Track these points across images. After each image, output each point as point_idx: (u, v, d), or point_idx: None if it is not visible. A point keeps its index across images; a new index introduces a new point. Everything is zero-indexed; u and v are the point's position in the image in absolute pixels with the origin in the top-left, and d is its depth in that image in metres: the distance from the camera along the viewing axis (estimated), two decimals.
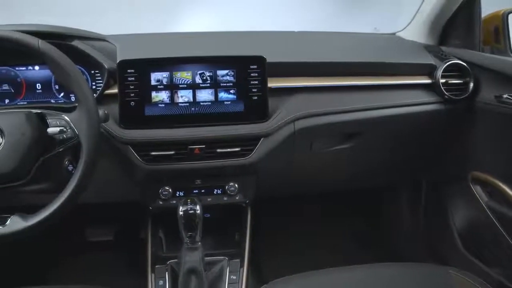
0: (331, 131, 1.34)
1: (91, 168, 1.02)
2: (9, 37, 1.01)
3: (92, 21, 1.37)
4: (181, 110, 1.22)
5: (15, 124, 1.01)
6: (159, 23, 2.01)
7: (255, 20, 2.02)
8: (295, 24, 1.75)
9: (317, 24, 1.85)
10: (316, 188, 1.60)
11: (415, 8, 1.59)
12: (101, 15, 1.97)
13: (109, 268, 1.69)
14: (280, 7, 2.17)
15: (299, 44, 1.49)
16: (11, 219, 0.99)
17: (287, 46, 1.46)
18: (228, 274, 1.25)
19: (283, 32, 1.60)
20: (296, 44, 1.49)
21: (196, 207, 1.13)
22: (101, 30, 1.37)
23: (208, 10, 2.16)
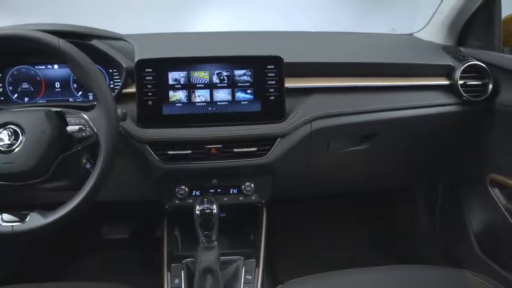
0: (348, 132, 1.34)
1: (109, 167, 1.03)
2: (30, 36, 1.02)
3: (106, 21, 1.38)
4: (198, 109, 1.22)
5: (35, 122, 1.02)
6: (173, 23, 2.02)
7: (271, 20, 2.02)
8: (311, 24, 1.74)
9: (333, 24, 1.83)
10: (332, 188, 1.59)
11: (432, 9, 1.57)
12: (115, 15, 1.99)
13: (125, 266, 1.71)
14: (295, 8, 2.16)
15: (316, 45, 1.49)
16: (31, 216, 1.01)
17: (304, 46, 1.46)
18: (244, 274, 1.26)
19: (300, 33, 1.59)
20: (312, 44, 1.49)
21: (213, 207, 1.14)
22: (115, 29, 1.38)
23: (222, 10, 2.17)
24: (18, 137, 1.01)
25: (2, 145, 1.00)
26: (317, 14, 2.10)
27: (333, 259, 1.56)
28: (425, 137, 1.43)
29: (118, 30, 1.36)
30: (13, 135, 1.01)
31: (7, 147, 1.00)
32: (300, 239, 1.81)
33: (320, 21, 1.98)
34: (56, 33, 1.06)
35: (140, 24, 1.72)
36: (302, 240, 1.82)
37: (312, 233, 1.86)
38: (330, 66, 1.34)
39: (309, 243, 1.81)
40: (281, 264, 1.53)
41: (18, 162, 1.00)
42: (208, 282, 1.13)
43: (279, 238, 1.45)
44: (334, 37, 1.59)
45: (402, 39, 1.63)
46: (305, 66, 1.32)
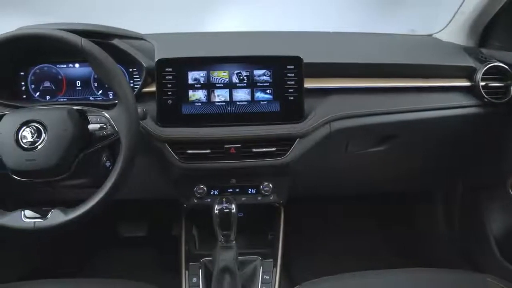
0: (367, 133, 1.33)
1: (130, 165, 1.04)
2: (54, 35, 1.03)
3: (123, 20, 1.39)
4: (218, 109, 1.23)
5: (57, 120, 1.04)
6: (189, 23, 2.03)
7: (286, 20, 2.02)
8: (328, 25, 1.74)
9: (351, 25, 1.83)
10: (349, 189, 1.59)
11: (452, 10, 1.55)
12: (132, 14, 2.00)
13: (142, 264, 1.72)
14: (311, 8, 2.15)
15: (335, 45, 1.48)
16: (52, 213, 1.02)
17: (323, 46, 1.45)
18: (261, 274, 1.26)
19: (318, 33, 1.59)
20: (331, 44, 1.48)
21: (232, 206, 1.14)
22: (132, 29, 1.38)
23: (238, 10, 2.17)
24: (40, 135, 1.02)
25: (25, 143, 1.01)
26: (334, 15, 2.09)
27: (350, 260, 1.56)
28: (445, 139, 1.41)
29: (135, 29, 1.37)
30: (36, 133, 1.02)
31: (30, 144, 1.01)
32: (316, 240, 1.81)
33: (337, 21, 1.97)
34: (78, 33, 1.07)
35: (156, 24, 1.73)
36: (318, 240, 1.82)
37: (328, 234, 1.86)
38: (350, 66, 1.33)
39: (325, 243, 1.80)
40: (297, 264, 1.53)
41: (40, 159, 1.01)
42: (226, 282, 1.14)
43: (295, 238, 1.45)
44: (353, 37, 1.58)
45: (422, 40, 1.61)
46: (324, 67, 1.31)
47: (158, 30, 1.45)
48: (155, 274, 1.46)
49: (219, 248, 1.17)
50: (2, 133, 1.03)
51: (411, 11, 1.95)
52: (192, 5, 2.14)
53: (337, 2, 2.16)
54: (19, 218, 1.02)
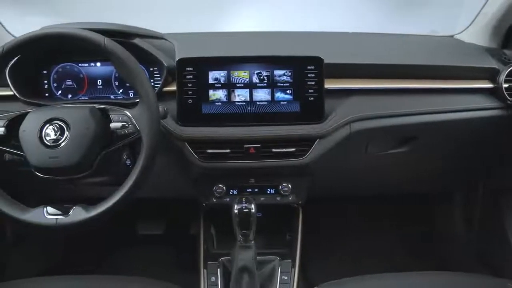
0: (387, 135, 1.32)
1: (151, 163, 1.04)
2: (78, 35, 1.04)
3: (141, 20, 1.40)
4: (238, 109, 1.23)
5: (80, 118, 1.05)
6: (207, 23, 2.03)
7: (304, 20, 2.01)
8: (346, 25, 1.73)
9: (371, 25, 1.81)
10: (369, 191, 1.58)
11: (474, 10, 1.54)
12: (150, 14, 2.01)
13: (159, 262, 1.73)
14: (328, 8, 2.14)
15: (354, 46, 1.47)
16: (74, 210, 1.04)
17: (342, 47, 1.45)
18: (280, 274, 1.26)
19: (337, 33, 1.58)
20: (351, 45, 1.48)
21: (251, 206, 1.14)
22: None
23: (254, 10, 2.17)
24: (63, 133, 1.04)
25: (48, 140, 1.03)
26: (352, 15, 2.08)
27: (367, 261, 1.55)
28: (466, 141, 1.40)
29: (154, 29, 1.38)
30: (59, 131, 1.04)
31: (53, 142, 1.03)
32: (334, 240, 1.80)
33: (356, 22, 1.96)
34: (101, 32, 1.08)
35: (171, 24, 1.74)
36: (336, 241, 1.81)
37: (346, 235, 1.85)
38: (370, 67, 1.32)
39: (343, 244, 1.80)
40: (315, 265, 1.53)
41: (63, 157, 1.02)
42: (244, 281, 1.14)
43: (313, 238, 1.45)
44: (372, 38, 1.57)
45: (443, 41, 1.59)
46: (344, 67, 1.30)
47: (173, 30, 1.45)
48: (173, 272, 1.47)
49: (238, 247, 1.17)
50: (26, 131, 1.05)
51: (431, 12, 1.93)
52: (207, 5, 2.15)
53: (355, 2, 2.15)
54: (42, 215, 1.03)
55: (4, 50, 1.04)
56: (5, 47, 1.04)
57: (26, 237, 1.70)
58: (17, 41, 1.05)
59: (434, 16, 1.87)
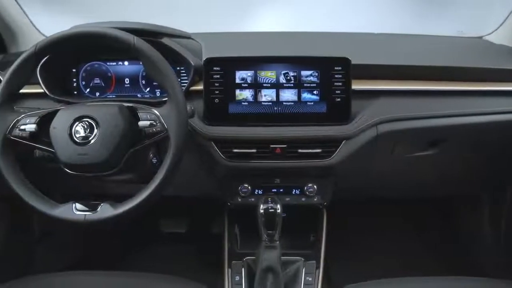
0: (414, 137, 1.31)
1: (178, 162, 1.05)
2: (108, 34, 1.06)
3: (164, 19, 1.41)
4: (264, 109, 1.23)
5: (109, 116, 1.06)
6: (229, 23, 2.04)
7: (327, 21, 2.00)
8: (373, 25, 1.72)
9: (396, 26, 1.80)
10: (394, 193, 1.56)
11: (504, 11, 1.51)
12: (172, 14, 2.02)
13: (182, 260, 1.74)
14: (356, 8, 2.13)
15: (381, 46, 1.46)
16: (102, 207, 1.05)
17: (369, 48, 1.44)
18: (304, 275, 1.26)
19: (363, 34, 1.57)
20: (377, 46, 1.47)
21: (277, 206, 1.14)
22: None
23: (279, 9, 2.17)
24: (93, 130, 1.05)
25: (78, 137, 1.04)
26: (378, 16, 2.07)
27: (392, 264, 1.54)
28: (495, 144, 1.37)
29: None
30: (89, 128, 1.05)
31: (82, 139, 1.04)
32: (358, 242, 1.79)
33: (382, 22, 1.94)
34: (130, 31, 1.09)
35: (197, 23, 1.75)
36: (361, 243, 1.80)
37: (370, 237, 1.84)
38: (398, 68, 1.31)
39: (367, 246, 1.78)
40: (339, 267, 1.52)
41: (92, 154, 1.04)
42: (269, 281, 1.14)
43: (337, 240, 1.44)
44: (399, 39, 1.56)
45: (471, 42, 1.57)
46: (372, 68, 1.30)
47: (197, 30, 1.46)
48: (196, 270, 1.46)
49: (263, 247, 1.17)
50: (57, 128, 1.06)
51: (458, 13, 1.91)
52: (230, 5, 2.15)
53: (380, 2, 2.13)
54: (71, 211, 1.05)
55: (36, 48, 1.06)
56: (38, 45, 1.06)
57: (52, 233, 1.72)
58: (49, 40, 1.07)
59: (461, 17, 1.84)
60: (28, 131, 1.06)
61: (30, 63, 1.08)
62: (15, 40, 1.48)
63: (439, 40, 1.56)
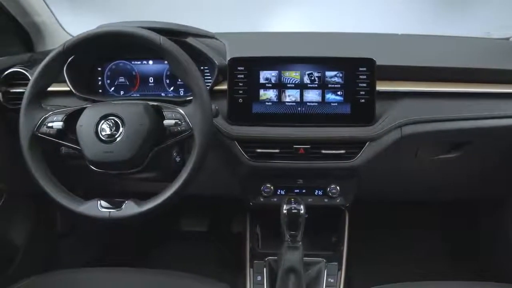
0: (439, 139, 1.29)
1: (202, 161, 1.05)
2: (136, 33, 1.07)
3: (184, 19, 1.42)
4: (288, 109, 1.23)
5: (134, 114, 1.07)
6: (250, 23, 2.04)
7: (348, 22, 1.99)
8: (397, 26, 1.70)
9: (421, 26, 1.78)
10: (416, 195, 1.54)
11: None
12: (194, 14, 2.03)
13: (202, 259, 1.74)
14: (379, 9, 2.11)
15: (405, 47, 1.45)
16: (126, 204, 1.06)
17: (393, 48, 1.43)
18: (326, 276, 1.25)
19: (387, 35, 1.56)
20: (401, 47, 1.46)
21: (300, 207, 1.14)
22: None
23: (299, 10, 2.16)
24: (118, 128, 1.06)
25: (103, 135, 1.05)
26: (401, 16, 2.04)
27: (412, 268, 1.52)
28: None
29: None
30: (114, 126, 1.06)
31: (108, 137, 1.05)
32: (380, 244, 1.77)
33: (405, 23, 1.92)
34: (156, 31, 1.10)
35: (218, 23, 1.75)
36: (383, 245, 1.78)
37: (393, 239, 1.82)
38: (423, 70, 1.29)
39: (389, 248, 1.77)
40: (361, 269, 1.50)
41: (117, 152, 1.05)
42: (290, 282, 1.14)
43: (359, 241, 1.43)
44: (423, 40, 1.54)
45: (499, 44, 1.54)
46: (396, 69, 1.28)
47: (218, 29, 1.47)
48: (216, 269, 1.48)
49: (285, 248, 1.16)
50: (83, 125, 1.07)
51: (485, 13, 1.88)
52: (250, 5, 2.15)
53: (403, 3, 2.11)
54: (96, 208, 1.06)
55: (64, 47, 1.08)
56: (66, 44, 1.08)
57: (74, 229, 1.75)
58: (77, 39, 1.08)
59: (489, 18, 1.81)
60: (55, 129, 1.08)
61: (58, 61, 1.10)
62: (42, 39, 1.50)
63: (465, 41, 1.54)
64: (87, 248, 1.80)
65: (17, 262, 1.47)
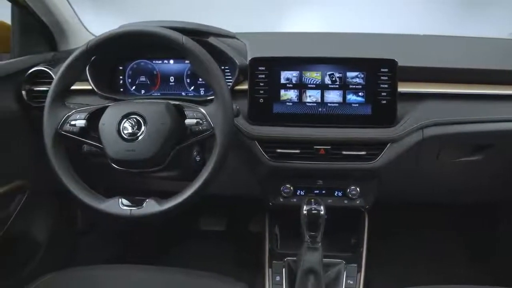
0: (461, 141, 1.28)
1: (223, 161, 1.05)
2: (158, 33, 1.07)
3: (202, 19, 1.42)
4: (309, 109, 1.22)
5: (156, 113, 1.07)
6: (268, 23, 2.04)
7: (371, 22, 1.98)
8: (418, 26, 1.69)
9: (443, 27, 1.76)
10: (436, 198, 1.52)
11: None
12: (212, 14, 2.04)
13: (220, 258, 1.75)
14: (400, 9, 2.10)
15: (427, 48, 1.43)
16: (147, 202, 1.06)
17: (413, 49, 1.41)
18: (345, 278, 1.24)
19: (408, 35, 1.54)
20: (423, 48, 1.44)
21: (320, 208, 1.13)
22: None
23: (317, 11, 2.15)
24: (140, 127, 1.06)
25: (125, 134, 1.06)
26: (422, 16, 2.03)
27: (432, 271, 1.50)
28: None
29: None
30: (136, 125, 1.06)
31: (130, 135, 1.06)
32: (399, 246, 1.76)
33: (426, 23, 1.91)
34: (178, 30, 1.10)
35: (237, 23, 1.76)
36: (402, 247, 1.77)
37: (410, 242, 1.80)
38: (445, 71, 1.28)
39: (408, 251, 1.75)
40: (380, 271, 1.49)
41: (139, 150, 1.05)
42: (310, 283, 1.13)
43: (378, 244, 1.42)
44: (446, 40, 1.52)
45: None
46: (418, 71, 1.27)
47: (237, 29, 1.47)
48: (233, 269, 1.48)
49: (305, 248, 1.16)
50: (105, 124, 1.08)
51: (507, 14, 1.85)
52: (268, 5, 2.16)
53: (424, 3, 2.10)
54: (117, 205, 1.06)
55: (88, 46, 1.09)
56: (90, 43, 1.09)
57: (94, 226, 1.76)
58: (100, 38, 1.09)
59: (510, 18, 1.79)
60: (78, 127, 1.09)
61: (82, 60, 1.11)
62: (65, 39, 1.52)
63: (487, 42, 1.51)
64: (107, 246, 1.82)
65: (38, 259, 1.49)
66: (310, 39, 1.45)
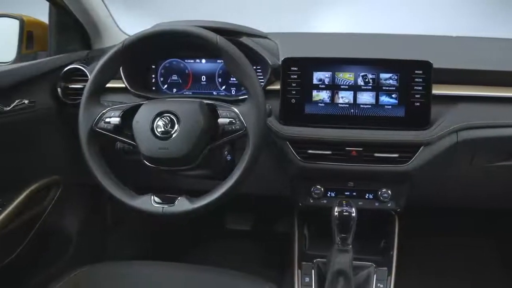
0: (496, 146, 1.25)
1: (255, 161, 1.05)
2: (193, 32, 1.08)
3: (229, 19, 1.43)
4: (341, 110, 1.22)
5: (190, 112, 1.07)
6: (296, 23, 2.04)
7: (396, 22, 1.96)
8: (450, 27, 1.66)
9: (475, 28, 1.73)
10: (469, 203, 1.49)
11: None
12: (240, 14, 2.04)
13: (247, 257, 1.75)
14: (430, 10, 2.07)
15: (461, 50, 1.41)
16: (179, 200, 1.06)
17: (447, 51, 1.39)
18: (375, 281, 1.23)
19: (441, 37, 1.52)
20: (456, 49, 1.42)
21: (352, 210, 1.13)
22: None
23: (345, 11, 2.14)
24: (174, 126, 1.06)
25: (159, 132, 1.06)
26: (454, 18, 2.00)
27: (462, 277, 1.47)
28: None
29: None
30: (170, 123, 1.07)
31: (163, 133, 1.06)
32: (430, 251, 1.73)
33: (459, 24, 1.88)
34: (212, 30, 1.11)
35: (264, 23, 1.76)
36: (430, 252, 1.74)
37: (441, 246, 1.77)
38: (480, 73, 1.26)
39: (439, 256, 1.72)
40: (411, 275, 1.47)
41: (172, 148, 1.06)
42: (340, 285, 1.13)
43: (408, 247, 1.40)
44: (479, 42, 1.49)
45: None
46: (453, 73, 1.25)
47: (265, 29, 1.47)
48: (260, 269, 1.48)
49: (335, 250, 1.16)
50: (139, 122, 1.09)
51: None
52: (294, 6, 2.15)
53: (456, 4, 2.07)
54: (149, 203, 1.07)
55: (124, 45, 1.10)
56: (125, 42, 1.10)
57: (122, 223, 1.79)
58: (135, 37, 1.10)
59: None
60: (112, 124, 1.09)
61: (117, 59, 1.12)
62: (99, 38, 1.54)
63: None
64: (133, 242, 1.84)
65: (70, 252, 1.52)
66: (342, 39, 1.44)
